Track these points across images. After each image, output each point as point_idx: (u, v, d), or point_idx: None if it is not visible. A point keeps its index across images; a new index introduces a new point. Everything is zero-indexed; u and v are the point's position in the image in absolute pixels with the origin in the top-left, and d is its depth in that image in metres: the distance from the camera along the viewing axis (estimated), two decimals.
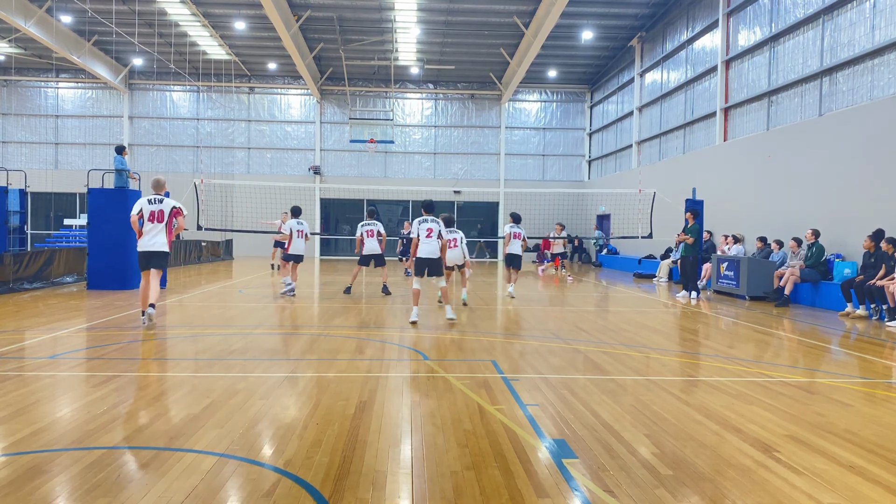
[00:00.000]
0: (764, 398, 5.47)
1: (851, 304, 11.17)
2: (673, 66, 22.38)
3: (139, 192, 14.76)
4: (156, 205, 9.00)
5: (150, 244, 8.89)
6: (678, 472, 3.78)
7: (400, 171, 31.14)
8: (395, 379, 6.02)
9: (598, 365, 6.84)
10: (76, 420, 4.58)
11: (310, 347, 7.65)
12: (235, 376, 6.02)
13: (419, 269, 9.67)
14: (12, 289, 12.99)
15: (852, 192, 12.91)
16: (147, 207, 8.97)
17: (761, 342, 8.60)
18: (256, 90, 30.81)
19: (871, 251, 11.06)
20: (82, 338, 8.03)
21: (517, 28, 23.35)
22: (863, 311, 10.94)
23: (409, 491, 3.47)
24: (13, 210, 18.15)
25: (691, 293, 14.24)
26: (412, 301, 9.64)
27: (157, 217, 8.96)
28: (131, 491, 3.38)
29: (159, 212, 8.97)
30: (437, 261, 9.64)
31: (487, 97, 31.13)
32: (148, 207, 8.97)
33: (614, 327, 9.62)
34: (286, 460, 3.86)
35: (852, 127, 13.03)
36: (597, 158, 30.64)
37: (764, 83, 16.64)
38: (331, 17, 23.13)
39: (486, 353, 7.34)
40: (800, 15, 15.15)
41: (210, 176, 28.84)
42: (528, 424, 4.64)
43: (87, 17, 22.68)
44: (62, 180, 29.27)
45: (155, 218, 8.95)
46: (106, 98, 30.46)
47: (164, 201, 9.06)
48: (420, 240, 9.57)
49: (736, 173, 17.32)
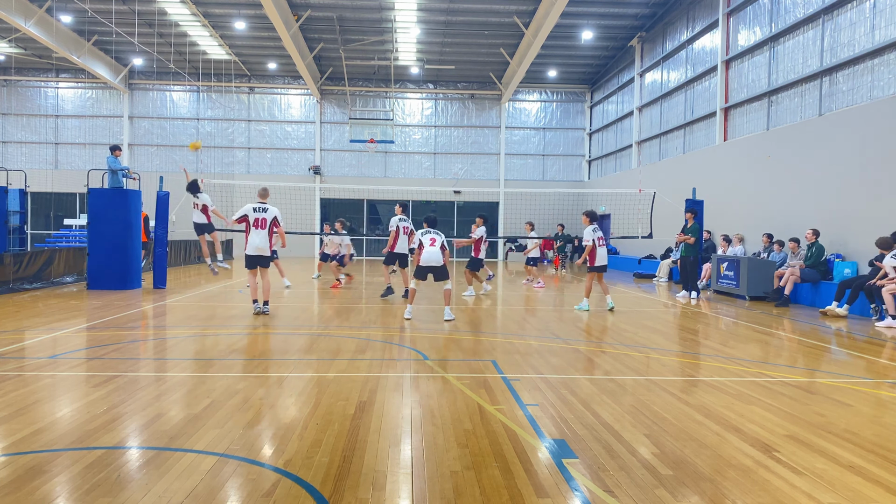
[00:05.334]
0: (764, 398, 5.47)
1: (836, 303, 11.16)
2: (673, 66, 22.38)
3: (139, 191, 14.77)
4: (260, 213, 10.08)
5: (254, 248, 10.02)
6: (678, 472, 3.78)
7: (400, 171, 31.14)
8: (395, 379, 6.02)
9: (598, 365, 6.84)
10: (76, 420, 4.58)
11: (310, 347, 7.65)
12: (235, 376, 6.02)
13: (421, 274, 10.09)
14: (12, 289, 12.99)
15: (852, 192, 12.91)
16: (252, 214, 10.07)
17: (761, 342, 8.60)
18: (256, 90, 30.82)
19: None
20: (82, 338, 8.03)
21: (517, 28, 23.35)
22: (843, 311, 10.95)
23: (409, 491, 3.47)
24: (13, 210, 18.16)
25: (691, 293, 14.24)
26: (408, 299, 10.20)
27: (261, 224, 10.04)
28: (131, 491, 3.38)
29: (262, 219, 10.05)
30: (441, 268, 10.07)
31: (487, 97, 31.14)
32: (253, 214, 10.07)
33: (614, 327, 9.62)
34: (286, 460, 3.86)
35: (852, 127, 13.03)
36: (597, 158, 30.64)
37: (764, 83, 16.64)
38: (331, 17, 23.13)
39: (486, 353, 7.35)
40: (800, 15, 15.15)
41: (210, 176, 28.85)
42: (528, 424, 4.64)
43: (87, 17, 22.69)
44: (62, 180, 29.28)
45: (259, 224, 10.03)
46: (106, 98, 30.46)
47: (268, 210, 10.13)
48: (424, 248, 10.04)
49: (736, 173, 17.33)
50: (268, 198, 10.41)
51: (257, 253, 10.07)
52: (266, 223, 10.05)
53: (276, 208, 10.25)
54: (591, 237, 11.37)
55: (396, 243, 12.67)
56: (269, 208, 10.16)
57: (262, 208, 10.13)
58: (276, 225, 10.15)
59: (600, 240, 11.46)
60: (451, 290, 10.48)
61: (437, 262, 9.96)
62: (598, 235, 11.42)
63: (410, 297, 10.12)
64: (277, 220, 10.18)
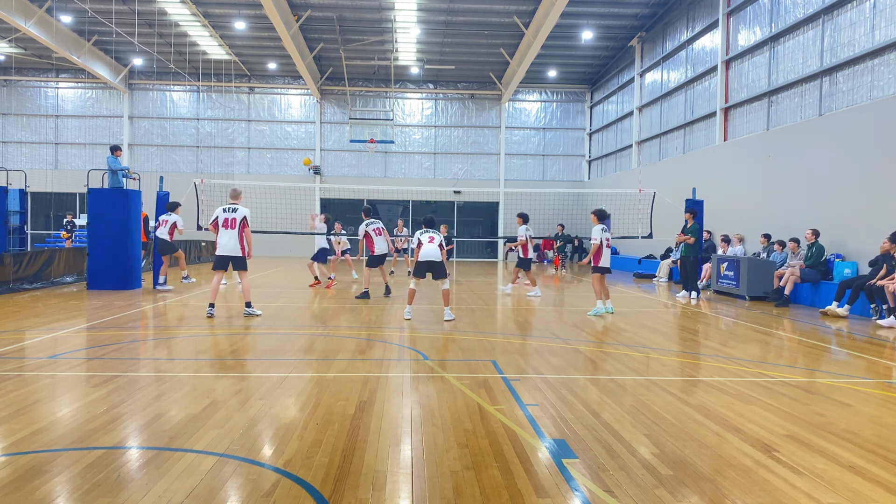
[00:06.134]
0: (764, 398, 5.47)
1: (836, 303, 11.16)
2: (673, 66, 22.38)
3: (139, 191, 14.77)
4: (230, 213, 10.01)
5: (225, 248, 9.96)
6: (678, 472, 3.78)
7: (400, 171, 31.14)
8: (395, 379, 6.01)
9: (598, 365, 6.84)
10: (76, 420, 4.58)
11: (310, 347, 7.65)
12: (235, 376, 6.02)
13: (420, 271, 10.07)
14: (12, 289, 12.99)
15: (852, 192, 12.91)
16: (222, 215, 10.02)
17: (761, 342, 8.60)
18: (256, 90, 30.81)
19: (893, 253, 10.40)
20: (82, 338, 8.03)
21: (517, 28, 23.34)
22: (843, 311, 10.94)
23: (409, 491, 3.47)
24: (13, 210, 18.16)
25: (691, 293, 14.24)
26: (407, 300, 10.16)
27: (230, 224, 9.96)
28: (131, 491, 3.38)
29: (232, 219, 9.98)
30: (439, 264, 10.09)
31: (487, 97, 31.13)
32: (223, 215, 10.01)
33: (614, 327, 9.62)
34: (286, 460, 3.86)
35: (852, 127, 13.03)
36: (597, 158, 30.64)
37: (764, 83, 16.64)
38: (331, 17, 23.13)
39: (486, 353, 7.34)
40: (800, 15, 15.15)
41: (210, 176, 28.85)
42: (528, 424, 4.64)
43: (87, 17, 22.68)
44: (62, 180, 29.28)
45: (228, 224, 9.95)
46: (106, 98, 30.45)
47: (237, 210, 10.05)
48: (422, 244, 10.07)
49: (736, 173, 17.32)
50: (240, 199, 10.22)
51: (227, 253, 9.93)
52: (236, 223, 9.92)
53: (246, 209, 10.08)
54: (599, 236, 11.10)
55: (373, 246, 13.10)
56: (239, 208, 10.02)
57: (231, 208, 10.00)
58: (245, 225, 9.98)
59: (607, 241, 11.25)
60: (450, 290, 10.46)
61: (436, 258, 9.99)
62: (606, 236, 11.20)
63: (410, 298, 10.13)
64: (246, 220, 10.02)
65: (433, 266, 10.04)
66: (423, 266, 10.04)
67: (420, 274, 10.07)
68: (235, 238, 9.90)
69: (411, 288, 10.13)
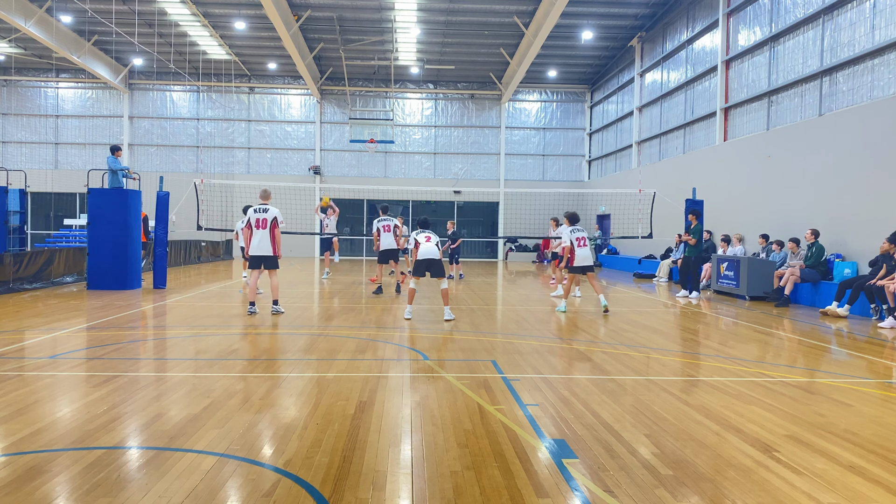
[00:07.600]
0: (764, 398, 5.47)
1: (836, 303, 11.16)
2: (673, 66, 22.38)
3: (139, 191, 14.77)
4: (260, 213, 10.24)
5: (257, 248, 10.19)
6: (678, 472, 3.78)
7: (400, 171, 31.14)
8: (395, 379, 6.01)
9: (598, 365, 6.84)
10: (76, 420, 4.58)
11: (310, 347, 7.65)
12: (235, 376, 6.02)
13: (419, 270, 10.06)
14: (12, 289, 12.98)
15: (852, 192, 12.91)
16: (253, 216, 10.24)
17: (761, 342, 8.60)
18: (256, 90, 30.81)
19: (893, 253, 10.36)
20: (82, 338, 8.03)
21: (517, 28, 23.35)
22: (843, 311, 10.94)
23: (409, 491, 3.47)
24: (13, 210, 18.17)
25: (691, 293, 14.25)
26: (407, 300, 10.18)
27: (262, 224, 10.18)
28: (131, 491, 3.38)
29: (263, 219, 10.21)
30: (438, 262, 10.12)
31: (487, 97, 31.13)
32: (254, 216, 10.23)
33: (614, 327, 9.62)
34: (286, 460, 3.86)
35: (852, 127, 13.03)
36: (597, 158, 30.64)
37: (764, 83, 16.64)
38: (331, 17, 23.13)
39: (486, 353, 7.34)
40: (800, 15, 15.15)
41: (210, 176, 28.86)
42: (528, 424, 4.64)
43: (87, 17, 22.69)
44: (62, 180, 29.27)
45: (260, 225, 10.18)
46: (106, 98, 30.46)
47: (268, 210, 10.28)
48: (420, 244, 10.14)
49: (736, 173, 17.32)
50: (270, 199, 10.53)
51: (259, 253, 10.23)
52: (267, 223, 10.21)
53: (276, 209, 10.38)
54: (568, 237, 11.54)
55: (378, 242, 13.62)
56: (270, 208, 10.32)
57: (262, 209, 10.29)
58: (275, 225, 10.27)
59: (579, 240, 11.48)
60: (448, 290, 10.48)
61: (434, 255, 10.03)
62: (576, 236, 11.48)
63: (410, 298, 10.13)
64: (277, 221, 10.32)
65: (432, 264, 10.04)
66: (422, 264, 10.04)
67: (419, 272, 10.06)
68: (267, 238, 10.18)
69: (411, 287, 10.12)
